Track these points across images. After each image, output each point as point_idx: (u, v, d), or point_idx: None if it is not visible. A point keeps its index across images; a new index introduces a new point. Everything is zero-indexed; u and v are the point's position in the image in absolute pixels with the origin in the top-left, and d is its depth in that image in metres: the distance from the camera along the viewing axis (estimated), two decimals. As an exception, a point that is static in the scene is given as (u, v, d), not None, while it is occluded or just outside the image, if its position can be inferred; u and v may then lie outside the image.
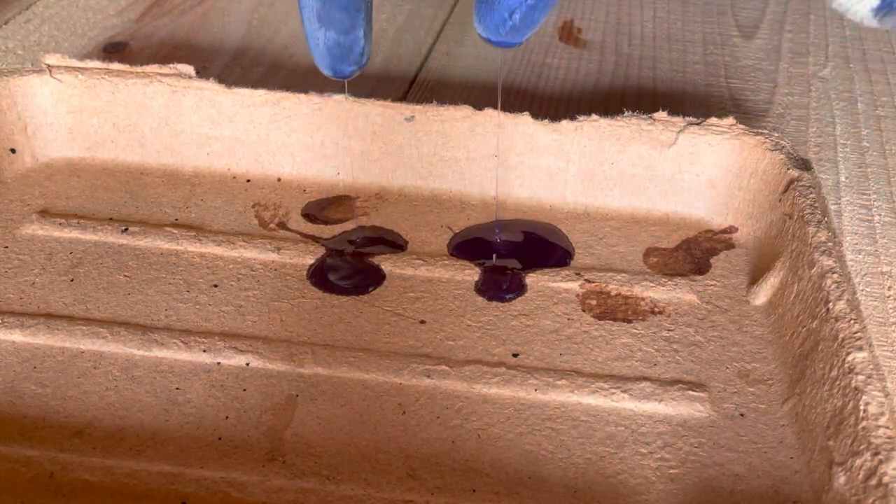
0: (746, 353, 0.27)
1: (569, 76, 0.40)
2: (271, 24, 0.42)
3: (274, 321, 0.28)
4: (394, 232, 0.31)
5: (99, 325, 0.27)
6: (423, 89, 0.38)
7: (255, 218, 0.32)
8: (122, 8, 0.41)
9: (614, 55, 0.42)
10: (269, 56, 0.40)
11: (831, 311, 0.25)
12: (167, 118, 0.33)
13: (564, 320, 0.28)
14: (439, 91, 0.38)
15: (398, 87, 0.38)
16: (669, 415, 0.25)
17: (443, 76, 0.39)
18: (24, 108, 0.33)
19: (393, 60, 0.40)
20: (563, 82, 0.39)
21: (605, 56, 0.41)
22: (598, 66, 0.41)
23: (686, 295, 0.29)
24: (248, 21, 0.42)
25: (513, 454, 0.24)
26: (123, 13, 0.41)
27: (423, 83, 0.38)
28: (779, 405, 0.25)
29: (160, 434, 0.24)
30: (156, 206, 0.32)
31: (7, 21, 0.37)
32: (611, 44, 0.43)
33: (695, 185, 0.32)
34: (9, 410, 0.24)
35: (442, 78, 0.39)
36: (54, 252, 0.30)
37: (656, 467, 0.24)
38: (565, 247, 0.31)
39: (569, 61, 0.41)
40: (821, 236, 0.27)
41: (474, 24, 0.24)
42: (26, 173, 0.33)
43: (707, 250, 0.31)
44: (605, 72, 0.40)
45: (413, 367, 0.26)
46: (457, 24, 0.44)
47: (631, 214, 0.32)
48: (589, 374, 0.26)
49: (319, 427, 0.24)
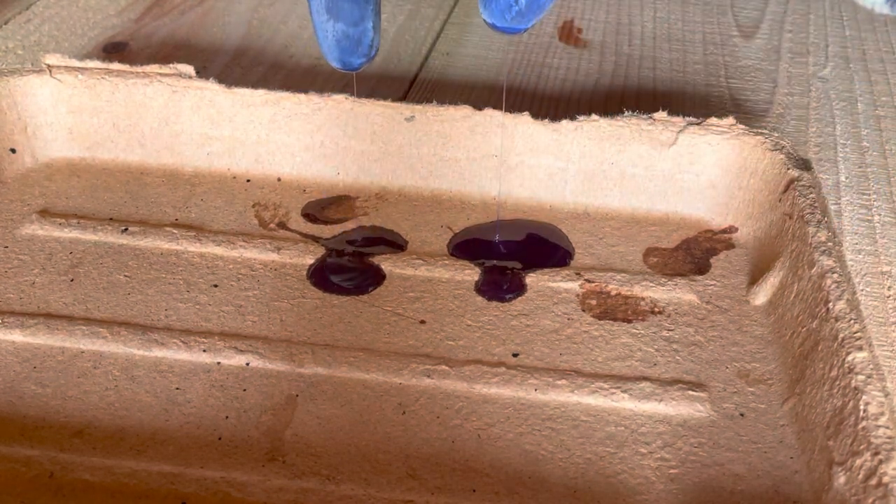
0: (746, 352, 0.27)
1: (569, 76, 0.40)
2: (271, 24, 0.42)
3: (274, 321, 0.28)
4: (394, 232, 0.31)
5: (99, 325, 0.27)
6: (423, 89, 0.38)
7: (255, 218, 0.32)
8: (122, 8, 0.41)
9: (614, 55, 0.42)
10: (269, 56, 0.40)
11: (831, 310, 0.25)
12: (167, 118, 0.33)
13: (564, 320, 0.28)
14: (439, 91, 0.38)
15: (398, 87, 0.38)
16: (669, 415, 0.25)
17: (443, 76, 0.39)
18: (24, 108, 0.33)
19: (393, 60, 0.40)
20: (563, 82, 0.39)
21: (605, 56, 0.41)
22: (598, 66, 0.41)
23: (686, 295, 0.29)
24: (248, 21, 0.42)
25: (513, 454, 0.24)
26: (123, 13, 0.41)
27: (423, 83, 0.38)
28: (779, 405, 0.25)
29: (160, 434, 0.24)
30: (156, 205, 0.32)
31: (7, 21, 0.38)
32: (611, 44, 0.43)
33: (695, 184, 0.32)
34: (9, 410, 0.24)
35: (442, 78, 0.39)
36: (54, 252, 0.30)
37: (656, 467, 0.24)
38: (565, 247, 0.31)
39: (569, 61, 0.41)
40: (821, 236, 0.27)
41: (480, 10, 0.24)
42: (26, 173, 0.33)
43: (707, 250, 0.31)
44: (605, 72, 0.40)
45: (413, 366, 0.26)
46: (457, 24, 0.44)
47: (631, 214, 0.32)
48: (589, 374, 0.26)
49: (319, 427, 0.24)
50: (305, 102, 0.32)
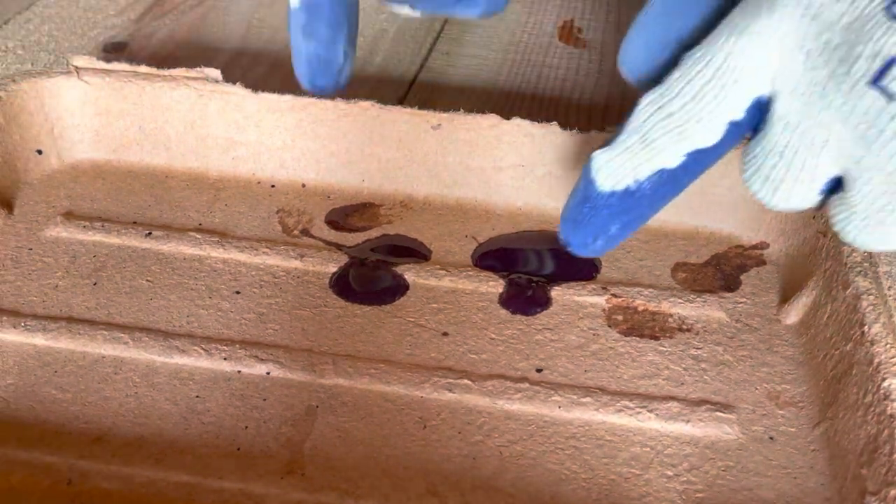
0: (777, 374, 0.26)
1: (569, 76, 0.39)
2: (271, 24, 0.42)
3: (295, 330, 0.27)
4: (417, 241, 0.31)
5: (120, 331, 0.27)
6: (423, 90, 0.37)
7: (278, 224, 0.31)
8: (122, 8, 0.41)
9: (614, 55, 0.41)
10: (268, 56, 0.40)
11: (867, 333, 0.24)
12: (193, 122, 0.33)
13: (590, 335, 0.27)
14: (439, 92, 0.37)
15: (398, 88, 0.37)
16: (696, 436, 0.24)
17: (443, 76, 0.39)
18: (52, 110, 0.33)
19: (393, 60, 0.39)
20: (563, 82, 0.38)
21: (605, 56, 0.41)
22: (598, 66, 0.40)
23: (715, 312, 0.28)
24: (248, 21, 0.41)
25: (535, 473, 0.23)
26: (123, 13, 0.40)
27: (423, 83, 0.38)
28: (810, 429, 0.25)
29: (179, 443, 0.24)
30: (180, 210, 0.32)
31: (7, 21, 0.38)
32: (611, 44, 0.42)
33: (726, 199, 0.31)
34: (29, 415, 0.24)
35: (442, 78, 0.38)
36: (78, 255, 0.30)
37: (682, 490, 0.23)
38: (592, 260, 0.30)
39: (569, 61, 0.40)
40: (856, 256, 0.26)
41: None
42: (52, 174, 0.33)
43: (737, 266, 0.30)
44: (605, 72, 0.40)
45: (435, 380, 0.26)
46: (457, 24, 0.43)
47: (659, 228, 0.32)
48: (614, 392, 0.26)
49: (339, 440, 0.24)
50: (331, 108, 0.32)
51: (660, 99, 0.21)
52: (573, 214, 0.23)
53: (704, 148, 0.21)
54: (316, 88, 0.25)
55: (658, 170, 0.21)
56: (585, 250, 0.23)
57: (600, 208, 0.22)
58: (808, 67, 0.19)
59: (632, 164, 0.22)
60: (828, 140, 0.20)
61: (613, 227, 0.22)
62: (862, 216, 0.20)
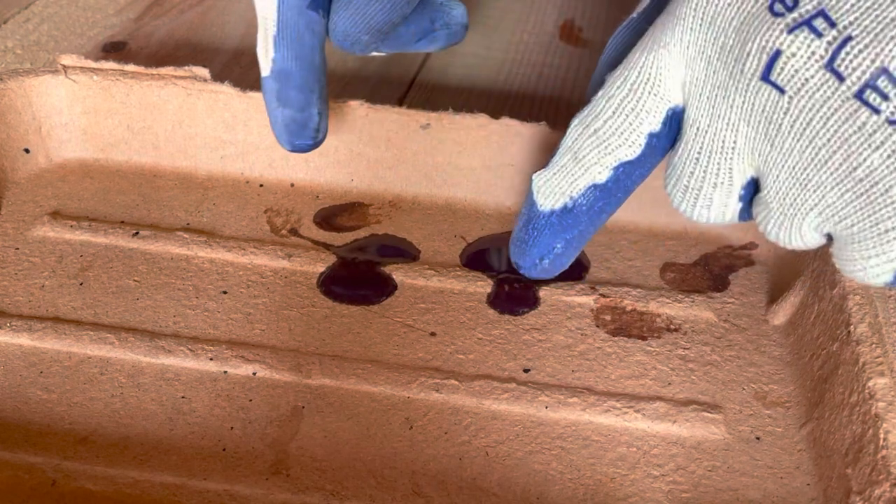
0: (764, 374, 0.26)
1: (569, 76, 0.39)
2: None
3: (282, 330, 0.27)
4: (406, 241, 0.31)
5: (107, 331, 0.27)
6: (423, 90, 0.37)
7: (266, 224, 0.31)
8: (121, 7, 0.41)
9: None
10: None
11: (853, 333, 0.24)
12: (181, 121, 0.33)
13: (578, 336, 0.27)
14: (439, 92, 0.37)
15: (398, 88, 0.37)
16: (683, 436, 0.24)
17: (443, 76, 0.38)
18: (39, 108, 0.33)
19: (393, 60, 0.39)
20: (563, 82, 0.38)
21: None
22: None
23: (703, 312, 0.28)
24: (248, 21, 0.41)
25: (521, 473, 0.23)
26: (123, 12, 0.40)
27: (422, 83, 0.38)
28: (796, 429, 0.25)
29: (164, 443, 0.24)
30: (168, 209, 0.32)
31: (6, 20, 0.37)
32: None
33: (714, 199, 0.31)
34: (13, 415, 0.24)
35: (442, 78, 0.38)
36: (65, 255, 0.30)
37: (668, 490, 0.23)
38: (580, 259, 0.30)
39: (569, 61, 0.40)
40: (843, 256, 0.26)
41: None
42: (40, 173, 0.33)
43: (726, 266, 0.30)
44: None
45: (422, 380, 0.26)
46: None
47: (648, 228, 0.31)
48: (601, 392, 0.26)
49: (325, 440, 0.24)
50: (320, 108, 0.32)
51: (586, 118, 0.22)
52: (520, 236, 0.23)
53: (629, 160, 0.22)
54: (297, 149, 0.27)
55: (590, 185, 0.22)
56: (535, 271, 0.23)
57: (542, 228, 0.23)
58: (710, 72, 0.20)
59: (566, 181, 0.22)
60: (736, 140, 0.20)
61: (558, 245, 0.23)
62: (777, 213, 0.20)
